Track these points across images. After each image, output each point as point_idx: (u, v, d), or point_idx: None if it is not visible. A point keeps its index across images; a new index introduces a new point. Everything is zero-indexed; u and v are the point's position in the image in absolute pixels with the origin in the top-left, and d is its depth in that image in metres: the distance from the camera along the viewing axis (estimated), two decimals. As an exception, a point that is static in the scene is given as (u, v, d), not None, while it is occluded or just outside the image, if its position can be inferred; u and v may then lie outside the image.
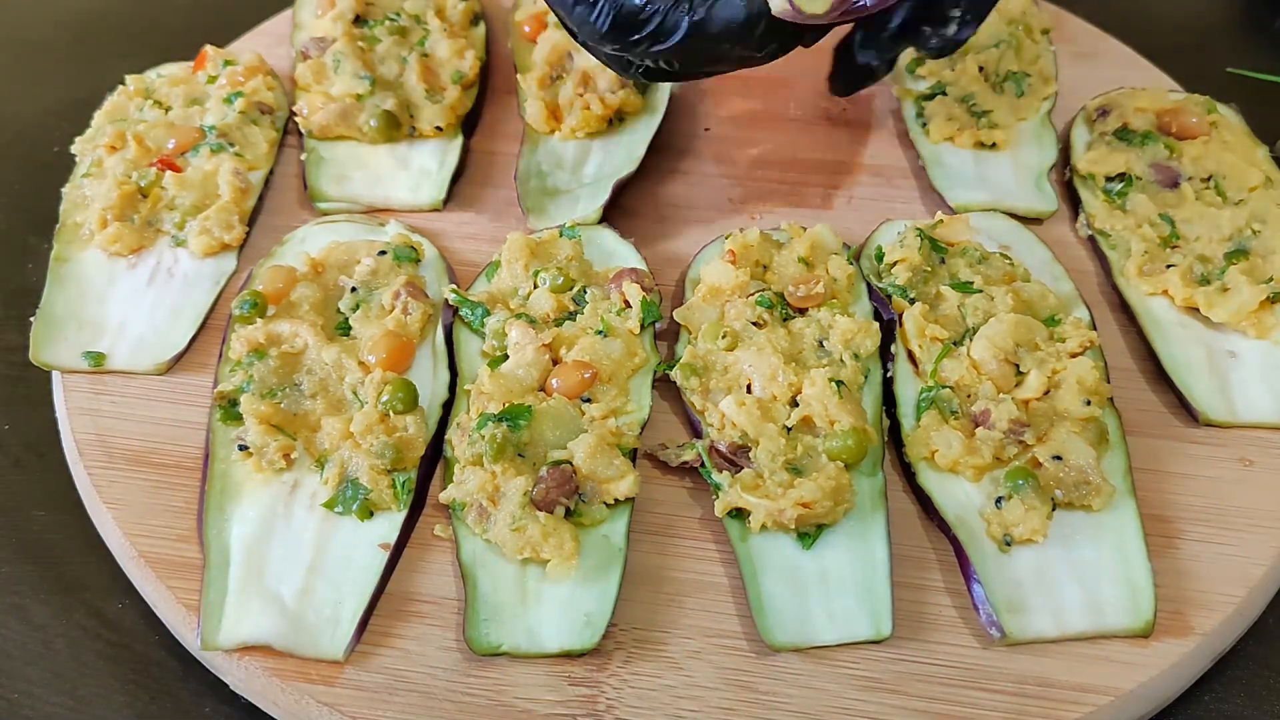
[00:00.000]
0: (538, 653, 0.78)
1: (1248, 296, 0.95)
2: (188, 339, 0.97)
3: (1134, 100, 1.13)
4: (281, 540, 0.83)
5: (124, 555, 0.85)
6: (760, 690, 0.77)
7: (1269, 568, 0.84)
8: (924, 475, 0.87)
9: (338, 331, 0.95)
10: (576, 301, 0.96)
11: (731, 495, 0.83)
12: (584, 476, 0.83)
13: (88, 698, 0.82)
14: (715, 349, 0.92)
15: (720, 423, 0.88)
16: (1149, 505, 0.86)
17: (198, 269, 1.02)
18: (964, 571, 0.82)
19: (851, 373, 0.90)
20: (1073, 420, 0.87)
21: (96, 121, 1.13)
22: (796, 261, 0.98)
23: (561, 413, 0.87)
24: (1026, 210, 1.08)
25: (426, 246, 1.03)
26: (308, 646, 0.78)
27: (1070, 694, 0.77)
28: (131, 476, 0.88)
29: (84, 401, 0.93)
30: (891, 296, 0.96)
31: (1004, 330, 0.91)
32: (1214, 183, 1.07)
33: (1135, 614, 0.79)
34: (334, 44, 1.16)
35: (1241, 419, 0.92)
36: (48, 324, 0.97)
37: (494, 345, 0.93)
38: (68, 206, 1.06)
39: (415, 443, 0.86)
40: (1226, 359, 0.96)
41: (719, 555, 0.85)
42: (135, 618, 0.86)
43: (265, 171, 1.11)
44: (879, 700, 0.77)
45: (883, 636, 0.78)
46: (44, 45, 1.37)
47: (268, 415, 0.87)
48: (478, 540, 0.83)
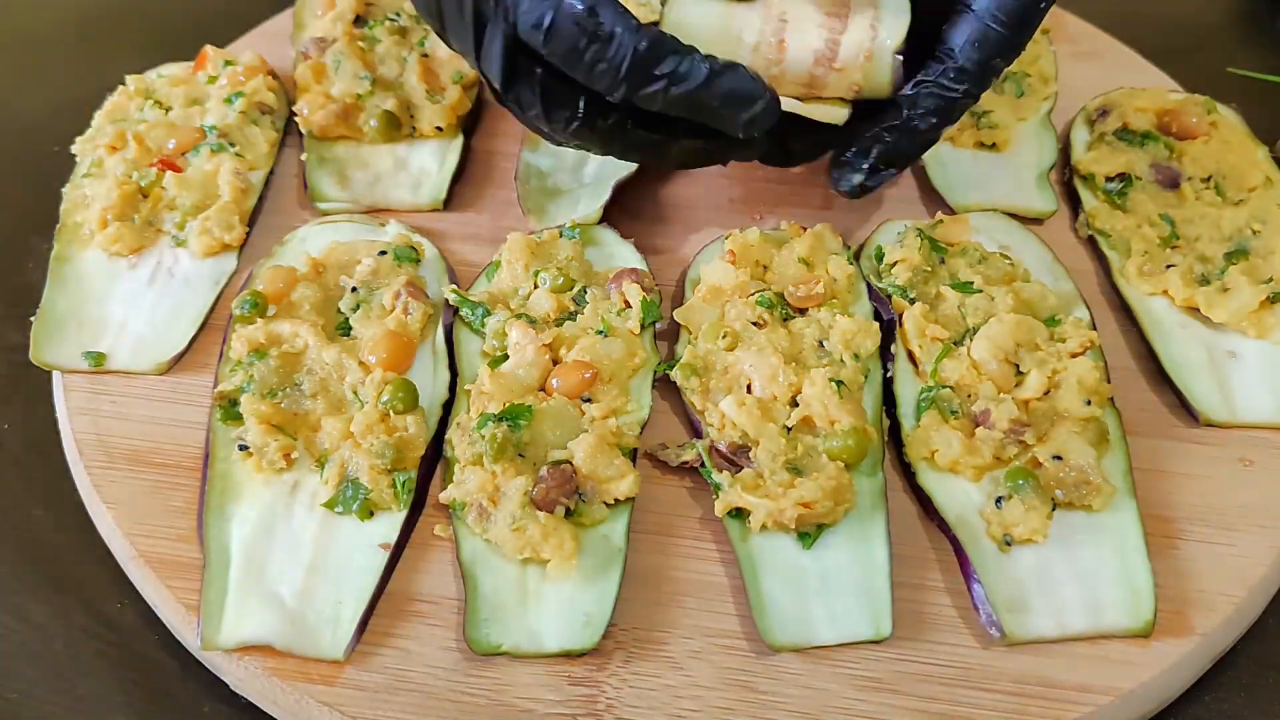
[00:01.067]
0: (538, 653, 0.78)
1: (1248, 296, 0.95)
2: (188, 339, 0.97)
3: (1134, 100, 1.13)
4: (282, 540, 0.83)
5: (124, 555, 0.85)
6: (760, 690, 0.77)
7: (1269, 568, 0.84)
8: (924, 475, 0.87)
9: (338, 331, 0.95)
10: (577, 302, 0.96)
11: (731, 495, 0.83)
12: (584, 476, 0.83)
13: (87, 697, 0.82)
14: (715, 349, 0.92)
15: (720, 423, 0.88)
16: (1149, 505, 0.86)
17: (198, 269, 1.02)
18: (964, 571, 0.82)
19: (851, 373, 0.90)
20: (1073, 420, 0.87)
21: (97, 121, 1.13)
22: (796, 261, 0.98)
23: (562, 413, 0.87)
24: (1026, 210, 1.08)
25: (427, 246, 1.03)
26: (308, 646, 0.78)
27: (1070, 694, 0.77)
28: (131, 476, 0.88)
29: (84, 401, 0.93)
30: (891, 296, 0.96)
31: (1004, 330, 0.91)
32: (1214, 183, 1.07)
33: (1135, 614, 0.79)
34: (334, 44, 1.16)
35: (1241, 419, 0.92)
36: (48, 324, 0.97)
37: (494, 345, 0.93)
38: (68, 206, 1.06)
39: (415, 443, 0.86)
40: (1226, 359, 0.96)
41: (719, 555, 0.85)
42: (135, 617, 0.86)
43: (265, 171, 1.11)
44: (879, 700, 0.77)
45: (883, 636, 0.78)
46: (44, 45, 1.37)
47: (268, 415, 0.87)
48: (478, 540, 0.83)
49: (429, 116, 1.12)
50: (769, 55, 0.91)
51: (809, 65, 0.92)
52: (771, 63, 0.91)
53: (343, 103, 1.12)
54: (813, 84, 0.93)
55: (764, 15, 0.91)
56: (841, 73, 0.92)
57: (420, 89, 1.14)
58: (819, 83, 0.93)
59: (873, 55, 0.91)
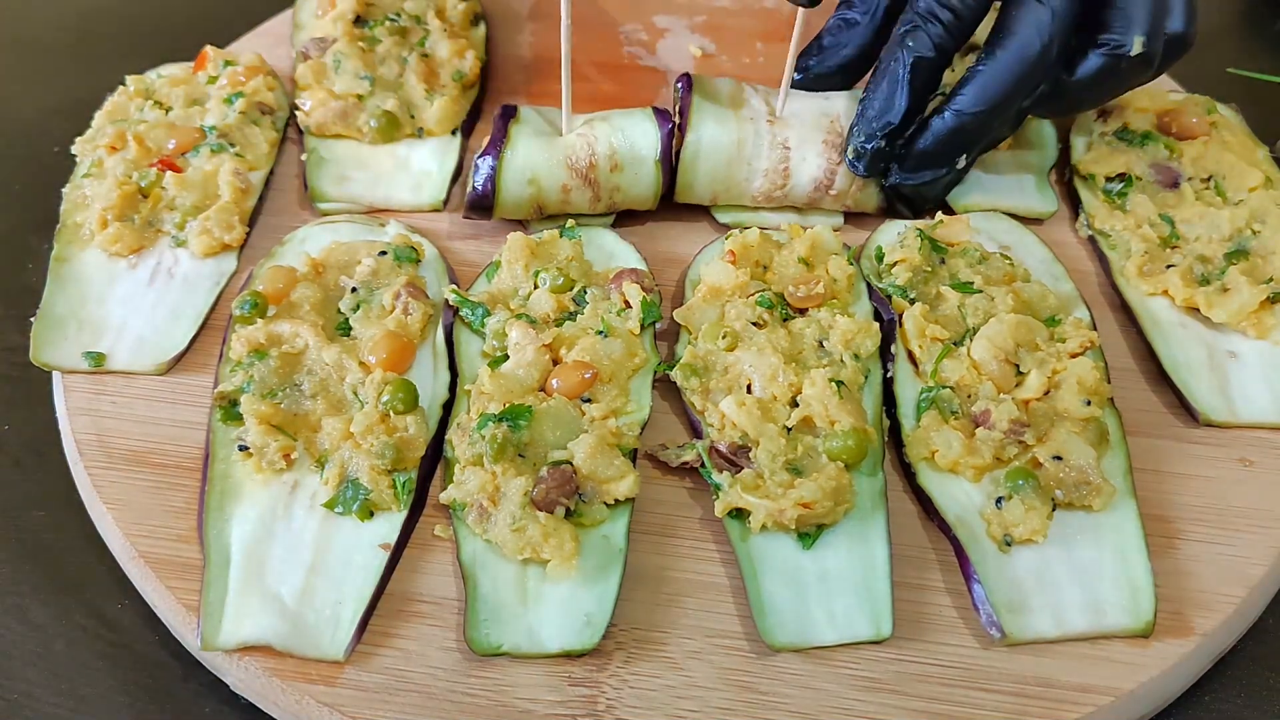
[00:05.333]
0: (538, 653, 0.78)
1: (1248, 297, 0.95)
2: (188, 339, 0.97)
3: (1134, 100, 1.13)
4: (282, 540, 0.83)
5: (124, 555, 0.85)
6: (760, 690, 0.77)
7: (1269, 568, 0.84)
8: (924, 475, 0.87)
9: (338, 332, 0.95)
10: (577, 302, 0.96)
11: (732, 495, 0.83)
12: (584, 477, 0.83)
13: (88, 698, 0.82)
14: (715, 349, 0.92)
15: (720, 423, 0.88)
16: (1149, 505, 0.86)
17: (198, 269, 1.02)
18: (964, 572, 0.82)
19: (852, 373, 0.90)
20: (1073, 420, 0.87)
21: (97, 122, 1.13)
22: (796, 261, 0.98)
23: (562, 413, 0.87)
24: (1027, 211, 1.08)
25: (427, 247, 1.03)
26: (308, 647, 0.78)
27: (1070, 694, 0.77)
28: (131, 477, 0.88)
29: (84, 401, 0.93)
30: (891, 297, 0.96)
31: (1004, 330, 0.91)
32: (1214, 183, 1.07)
33: (1135, 614, 0.79)
34: (334, 44, 1.17)
35: (1241, 419, 0.92)
36: (48, 324, 0.97)
37: (494, 345, 0.93)
38: (68, 207, 1.06)
39: (416, 443, 0.86)
40: (1226, 359, 0.96)
41: (719, 555, 0.85)
42: (135, 618, 0.86)
43: (265, 172, 1.11)
44: (879, 700, 0.77)
45: (883, 637, 0.78)
46: (45, 46, 1.37)
47: (268, 415, 0.87)
48: (478, 540, 0.83)
49: (429, 116, 1.12)
50: (775, 180, 1.04)
51: (809, 190, 1.05)
52: (776, 186, 1.04)
53: (343, 102, 1.12)
54: (812, 203, 1.06)
55: (770, 142, 1.03)
56: (836, 197, 1.05)
57: (420, 89, 1.14)
58: (817, 202, 1.06)
59: (865, 185, 1.05)
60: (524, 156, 1.02)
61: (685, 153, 1.03)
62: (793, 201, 1.06)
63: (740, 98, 1.06)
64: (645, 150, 1.02)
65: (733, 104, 1.06)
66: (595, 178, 1.02)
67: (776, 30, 1.32)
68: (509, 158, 1.02)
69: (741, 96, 1.06)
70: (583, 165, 1.02)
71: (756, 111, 1.05)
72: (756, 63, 1.27)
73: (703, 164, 1.03)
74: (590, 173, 1.02)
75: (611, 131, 1.03)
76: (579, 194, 1.03)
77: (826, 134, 1.04)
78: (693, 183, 1.05)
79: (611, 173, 1.02)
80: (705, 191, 1.06)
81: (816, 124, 1.04)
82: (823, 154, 1.03)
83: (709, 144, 1.03)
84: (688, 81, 1.06)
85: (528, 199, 1.03)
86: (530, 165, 1.02)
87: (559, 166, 1.02)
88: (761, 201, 1.06)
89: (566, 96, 1.02)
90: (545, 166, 1.02)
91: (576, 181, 1.02)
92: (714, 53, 1.27)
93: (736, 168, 1.04)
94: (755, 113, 1.05)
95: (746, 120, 1.04)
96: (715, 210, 1.08)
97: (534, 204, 1.04)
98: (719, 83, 1.08)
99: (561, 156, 1.02)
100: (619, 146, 1.02)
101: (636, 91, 1.23)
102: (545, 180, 1.02)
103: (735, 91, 1.07)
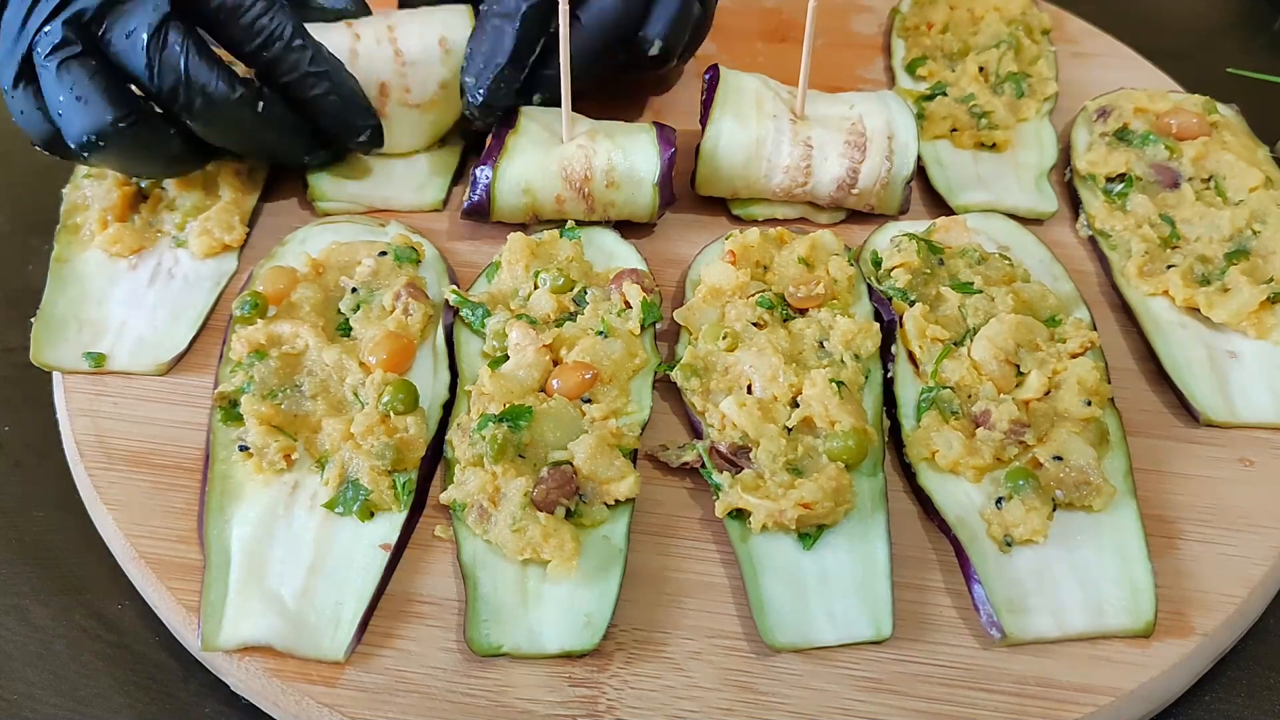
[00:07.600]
0: (538, 653, 0.78)
1: (1248, 297, 0.95)
2: (188, 340, 0.97)
3: (1134, 100, 1.13)
4: (282, 541, 0.83)
5: (124, 556, 0.85)
6: (760, 691, 0.77)
7: (1269, 568, 0.84)
8: (924, 476, 0.87)
9: (338, 332, 0.95)
10: (577, 302, 0.96)
11: (732, 496, 0.83)
12: (584, 477, 0.83)
13: (88, 699, 0.82)
14: (715, 350, 0.92)
15: (721, 423, 0.88)
16: (1149, 505, 0.86)
17: (198, 270, 1.02)
18: (964, 572, 0.82)
19: (852, 373, 0.90)
20: (1073, 421, 0.87)
21: (97, 122, 1.13)
22: (797, 262, 0.98)
23: (562, 413, 0.87)
24: (1027, 211, 1.08)
25: (427, 247, 1.03)
26: (308, 647, 0.78)
27: (1071, 694, 0.77)
28: (132, 477, 0.88)
29: (84, 402, 0.93)
30: (892, 298, 0.96)
31: (1004, 331, 0.91)
32: (1214, 183, 1.07)
33: (1136, 614, 0.79)
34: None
35: (1242, 419, 0.92)
36: (48, 325, 0.97)
37: (494, 346, 0.93)
38: (68, 207, 1.06)
39: (416, 443, 0.86)
40: (1227, 359, 0.96)
41: (719, 556, 0.85)
42: (135, 619, 0.86)
43: (266, 172, 1.11)
44: (879, 701, 0.77)
45: (883, 637, 0.78)
46: (44, 46, 1.37)
47: (268, 416, 0.87)
48: (478, 541, 0.83)
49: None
50: (798, 179, 1.05)
51: (831, 190, 1.05)
52: (798, 183, 1.05)
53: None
54: (833, 203, 1.07)
55: (792, 139, 1.04)
56: (859, 196, 1.06)
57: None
58: (839, 202, 1.07)
59: (888, 184, 1.05)
60: (520, 167, 1.03)
61: (704, 146, 1.05)
62: (815, 199, 1.07)
63: (765, 94, 1.07)
64: (645, 172, 1.02)
65: (757, 100, 1.06)
66: (590, 191, 1.02)
67: (777, 30, 1.33)
68: (504, 168, 1.02)
69: (766, 93, 1.07)
70: (577, 179, 1.02)
71: (780, 109, 1.05)
72: (756, 63, 1.27)
73: (722, 158, 1.05)
74: (585, 186, 1.02)
75: (613, 148, 1.03)
76: (573, 205, 1.03)
77: (848, 135, 1.04)
78: (712, 176, 1.06)
79: (607, 189, 1.02)
80: (725, 185, 1.07)
81: (839, 125, 1.05)
82: (845, 154, 1.04)
83: (727, 139, 1.04)
84: (715, 73, 1.08)
85: (523, 207, 1.04)
86: (525, 175, 1.02)
87: (554, 178, 1.02)
88: (782, 197, 1.07)
89: (566, 100, 1.02)
90: (540, 178, 1.02)
91: (571, 194, 1.02)
92: (714, 53, 1.27)
93: (755, 164, 1.05)
94: (779, 110, 1.05)
95: (768, 117, 1.05)
96: (733, 205, 1.09)
97: (529, 212, 1.04)
98: (745, 78, 1.09)
99: (557, 168, 1.02)
100: (618, 165, 1.02)
101: (636, 91, 1.23)
102: (540, 191, 1.03)
103: (760, 88, 1.08)
